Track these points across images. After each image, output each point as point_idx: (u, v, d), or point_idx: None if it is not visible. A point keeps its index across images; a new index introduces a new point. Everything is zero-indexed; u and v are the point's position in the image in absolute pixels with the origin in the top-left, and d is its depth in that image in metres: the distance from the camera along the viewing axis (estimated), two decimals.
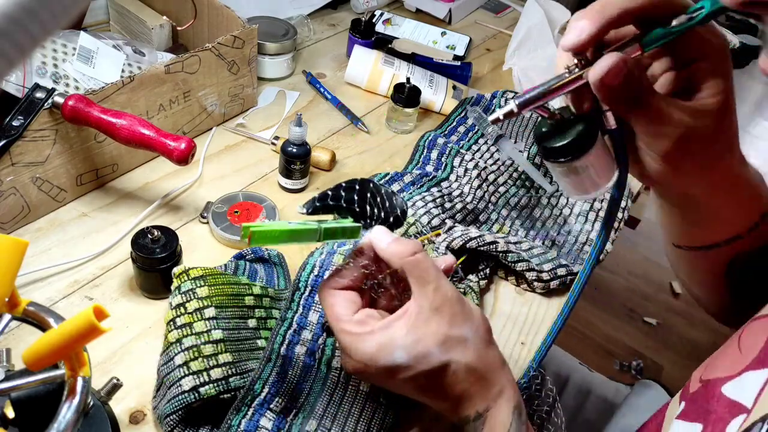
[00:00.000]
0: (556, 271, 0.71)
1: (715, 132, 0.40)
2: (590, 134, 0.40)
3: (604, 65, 0.36)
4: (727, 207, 0.48)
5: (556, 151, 0.41)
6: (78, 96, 0.64)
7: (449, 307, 0.43)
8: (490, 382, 0.44)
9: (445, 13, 1.25)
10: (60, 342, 0.35)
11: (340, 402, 0.55)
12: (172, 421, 0.51)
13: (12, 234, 0.67)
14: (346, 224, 0.47)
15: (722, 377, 0.46)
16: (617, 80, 0.36)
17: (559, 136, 0.41)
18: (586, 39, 0.37)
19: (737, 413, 0.41)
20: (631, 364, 1.77)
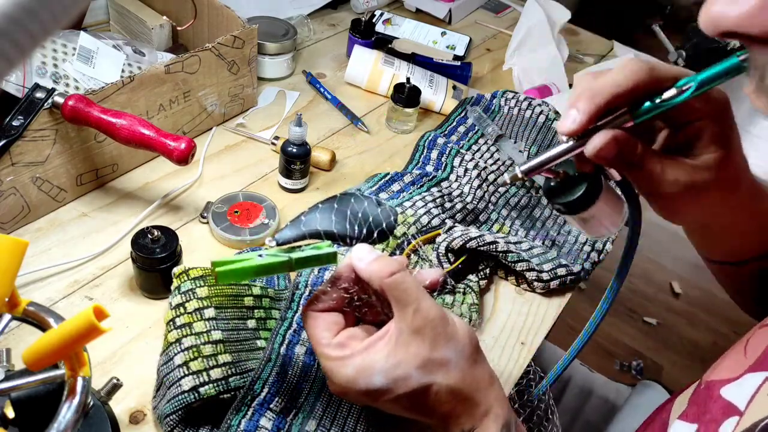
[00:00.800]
0: (556, 271, 0.71)
1: (717, 181, 0.42)
2: (593, 191, 0.42)
3: (597, 143, 0.39)
4: (746, 232, 0.49)
5: (564, 206, 0.44)
6: (78, 96, 0.64)
7: (431, 329, 0.42)
8: (476, 401, 0.44)
9: (445, 13, 1.25)
10: (60, 342, 0.35)
11: (340, 402, 0.55)
12: (172, 421, 0.51)
13: (12, 234, 0.67)
14: (321, 251, 0.46)
15: (724, 379, 0.46)
16: (611, 153, 0.39)
17: (566, 193, 0.43)
18: (578, 128, 0.39)
19: (730, 414, 0.42)
20: (631, 364, 1.77)
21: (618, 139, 0.38)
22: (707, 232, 0.52)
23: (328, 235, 0.47)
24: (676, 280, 2.07)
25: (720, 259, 0.55)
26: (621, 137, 0.39)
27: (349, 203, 0.48)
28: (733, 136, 0.42)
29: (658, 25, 2.79)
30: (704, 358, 1.84)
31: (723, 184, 0.43)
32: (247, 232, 0.71)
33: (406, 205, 0.73)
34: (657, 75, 0.39)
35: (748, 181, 0.46)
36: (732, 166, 0.43)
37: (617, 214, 0.44)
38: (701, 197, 0.43)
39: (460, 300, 0.67)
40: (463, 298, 0.67)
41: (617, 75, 0.39)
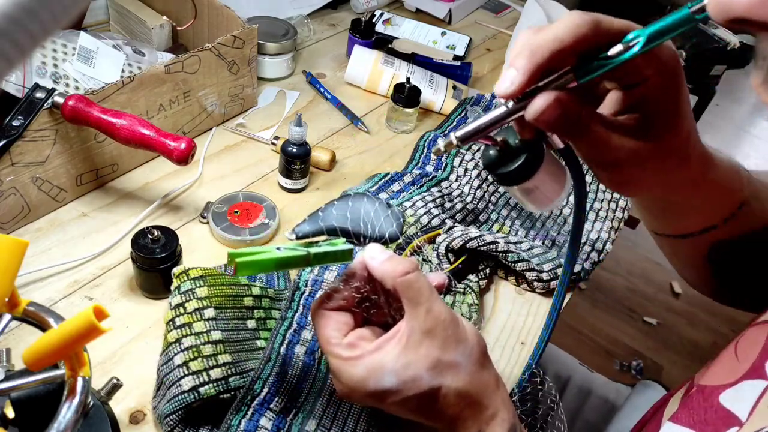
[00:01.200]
0: (556, 271, 0.71)
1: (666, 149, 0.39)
2: (534, 160, 0.40)
3: (537, 106, 0.35)
4: (694, 204, 0.47)
5: (504, 177, 0.41)
6: (78, 96, 0.64)
7: (442, 330, 0.42)
8: (483, 405, 0.43)
9: (445, 13, 1.25)
10: (60, 342, 0.35)
11: (340, 402, 0.55)
12: (172, 421, 0.51)
13: (12, 234, 0.67)
14: (338, 248, 0.46)
15: (720, 385, 0.45)
16: (553, 116, 0.36)
17: (506, 163, 0.41)
18: (517, 89, 0.36)
19: (731, 425, 0.41)
20: (631, 364, 1.77)
21: (561, 101, 0.35)
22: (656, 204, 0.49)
23: (344, 232, 0.47)
24: (676, 280, 2.07)
25: (669, 232, 0.53)
26: (564, 99, 0.35)
27: (362, 202, 0.48)
28: (682, 99, 0.39)
29: None
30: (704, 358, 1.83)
31: (673, 152, 0.40)
32: (247, 232, 0.71)
33: (406, 205, 0.73)
34: (603, 28, 0.35)
35: (699, 150, 0.43)
36: (682, 132, 0.40)
37: (560, 185, 0.41)
38: (650, 166, 0.40)
39: (460, 300, 0.67)
40: (463, 298, 0.67)
41: (559, 29, 0.35)
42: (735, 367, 0.45)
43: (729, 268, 0.54)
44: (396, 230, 0.48)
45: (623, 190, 0.43)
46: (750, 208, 0.49)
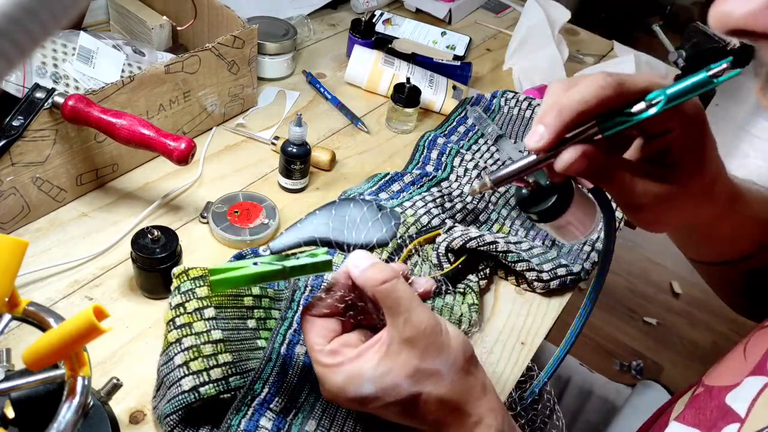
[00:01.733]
0: (556, 271, 0.71)
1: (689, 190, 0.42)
2: (564, 199, 0.43)
3: (566, 159, 0.39)
4: (728, 236, 0.49)
5: (537, 215, 0.44)
6: (78, 96, 0.64)
7: (422, 338, 0.42)
8: (466, 412, 0.43)
9: (445, 13, 1.25)
10: (60, 342, 0.35)
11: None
12: (172, 421, 0.51)
13: (12, 234, 0.67)
14: (317, 259, 0.46)
15: (726, 386, 0.46)
16: (580, 167, 0.39)
17: (538, 202, 0.44)
18: (545, 145, 0.39)
19: (730, 421, 0.41)
20: (631, 365, 1.77)
21: (587, 154, 0.38)
22: (689, 236, 0.52)
23: (324, 242, 0.47)
24: (676, 280, 2.07)
25: (705, 260, 0.55)
26: (589, 152, 0.39)
27: (347, 208, 0.48)
28: (707, 147, 0.42)
29: (658, 25, 2.79)
30: (704, 358, 1.84)
31: (696, 192, 0.42)
32: (247, 232, 0.71)
33: (406, 205, 0.73)
34: (626, 89, 0.38)
35: (725, 188, 0.45)
36: (706, 177, 0.42)
37: (590, 219, 0.44)
38: (674, 206, 0.43)
39: (460, 300, 0.67)
40: (463, 299, 0.67)
41: (585, 91, 0.38)
42: (742, 368, 0.45)
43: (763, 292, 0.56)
44: (386, 235, 0.47)
45: (651, 228, 0.46)
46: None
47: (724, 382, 0.46)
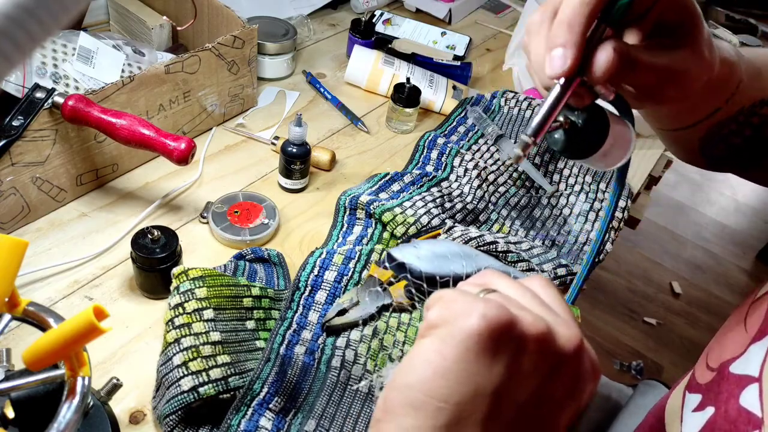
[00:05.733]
0: (556, 271, 0.71)
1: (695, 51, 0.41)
2: (604, 121, 0.41)
3: (604, 61, 0.37)
4: (710, 94, 0.48)
5: (585, 151, 0.42)
6: (78, 96, 0.64)
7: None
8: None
9: (445, 13, 1.25)
10: (60, 342, 0.35)
11: (339, 402, 0.55)
12: (172, 421, 0.51)
13: (12, 234, 0.67)
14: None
15: (730, 359, 0.46)
16: (617, 64, 0.37)
17: (578, 138, 0.42)
18: (573, 62, 0.37)
19: (746, 385, 0.41)
20: (631, 365, 1.77)
21: (616, 49, 0.36)
22: (671, 108, 0.50)
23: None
24: (676, 280, 2.07)
25: (674, 127, 0.54)
26: (617, 46, 0.37)
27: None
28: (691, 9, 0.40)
29: None
30: None
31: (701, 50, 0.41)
32: (247, 232, 0.71)
33: (406, 205, 0.73)
34: None
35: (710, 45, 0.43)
36: (703, 29, 0.41)
37: (626, 134, 0.43)
38: (690, 71, 0.41)
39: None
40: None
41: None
42: (744, 339, 0.45)
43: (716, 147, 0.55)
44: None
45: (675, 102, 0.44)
46: (743, 85, 0.50)
47: (727, 356, 0.47)
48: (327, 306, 0.62)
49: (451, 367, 0.30)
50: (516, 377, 0.30)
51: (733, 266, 2.21)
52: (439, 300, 0.32)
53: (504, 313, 0.30)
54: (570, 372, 0.32)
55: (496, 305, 0.30)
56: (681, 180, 2.54)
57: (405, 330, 0.60)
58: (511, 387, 0.30)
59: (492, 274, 0.36)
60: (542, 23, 0.38)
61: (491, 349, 0.30)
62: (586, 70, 0.38)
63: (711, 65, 0.43)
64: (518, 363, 0.30)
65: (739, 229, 2.38)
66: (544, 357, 0.31)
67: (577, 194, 0.85)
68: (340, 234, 0.73)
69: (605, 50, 0.37)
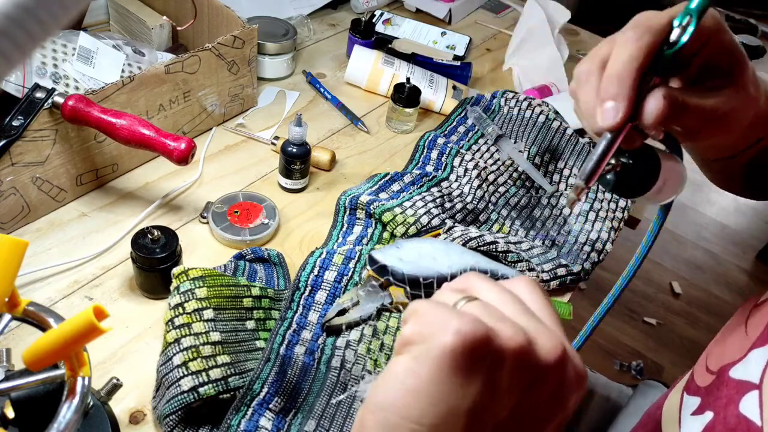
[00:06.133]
0: (556, 271, 0.71)
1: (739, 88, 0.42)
2: (654, 162, 0.43)
3: (654, 108, 0.38)
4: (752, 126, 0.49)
5: (638, 191, 0.44)
6: (78, 96, 0.64)
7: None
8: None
9: (445, 13, 1.25)
10: (60, 342, 0.35)
11: (339, 402, 0.55)
12: (172, 421, 0.51)
13: (12, 234, 0.67)
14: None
15: (730, 362, 0.46)
16: (667, 110, 0.38)
17: (630, 179, 0.43)
18: (624, 114, 0.38)
19: (746, 391, 0.41)
20: (631, 365, 1.77)
21: (666, 96, 0.38)
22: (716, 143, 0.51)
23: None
24: (676, 280, 2.07)
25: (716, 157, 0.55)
26: (667, 92, 0.38)
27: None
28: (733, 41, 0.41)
29: None
30: None
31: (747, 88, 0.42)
32: (247, 232, 0.71)
33: (406, 205, 0.73)
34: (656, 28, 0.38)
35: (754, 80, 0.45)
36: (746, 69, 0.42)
37: (677, 170, 0.45)
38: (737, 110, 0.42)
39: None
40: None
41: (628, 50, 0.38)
42: (745, 343, 0.45)
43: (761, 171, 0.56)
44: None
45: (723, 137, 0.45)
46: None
47: (726, 359, 0.47)
48: (327, 306, 0.62)
49: (425, 388, 0.29)
50: (493, 394, 0.29)
51: (733, 266, 2.21)
52: (414, 314, 0.31)
53: (480, 328, 0.29)
54: (552, 383, 0.31)
55: (471, 320, 0.29)
56: None
57: None
58: (488, 405, 0.29)
59: (474, 278, 0.35)
60: (591, 73, 0.40)
61: (466, 366, 0.28)
62: (637, 117, 0.39)
63: (756, 101, 0.44)
64: (495, 379, 0.29)
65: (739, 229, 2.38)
66: (524, 371, 0.30)
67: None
68: (340, 234, 0.73)
69: (655, 98, 0.38)
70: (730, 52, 0.41)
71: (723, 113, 0.41)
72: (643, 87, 0.39)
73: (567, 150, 0.87)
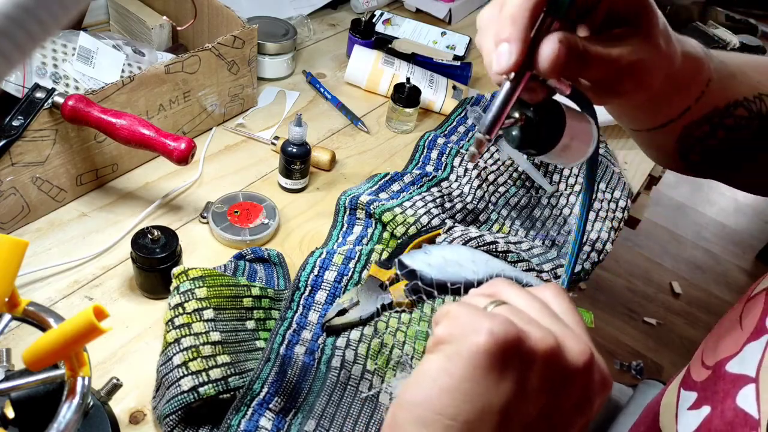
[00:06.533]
0: (556, 271, 0.71)
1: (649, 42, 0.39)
2: (558, 118, 0.40)
3: (548, 52, 0.35)
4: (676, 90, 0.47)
5: (542, 146, 0.41)
6: (78, 96, 0.64)
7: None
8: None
9: (445, 13, 1.25)
10: (60, 342, 0.35)
11: (339, 402, 0.55)
12: (172, 421, 0.51)
13: (12, 234, 0.67)
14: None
15: (726, 357, 0.46)
16: (564, 56, 0.35)
17: (535, 134, 0.41)
18: (518, 56, 0.36)
19: (742, 385, 0.41)
20: (631, 365, 1.77)
21: (563, 41, 0.35)
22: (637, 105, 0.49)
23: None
24: (676, 280, 2.07)
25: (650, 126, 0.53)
26: (564, 37, 0.35)
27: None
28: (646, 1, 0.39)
29: None
30: None
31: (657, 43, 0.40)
32: (247, 232, 0.71)
33: (406, 205, 0.73)
34: None
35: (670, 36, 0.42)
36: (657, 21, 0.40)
37: (587, 129, 0.42)
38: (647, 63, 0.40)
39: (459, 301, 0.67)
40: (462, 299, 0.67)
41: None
42: (739, 337, 0.45)
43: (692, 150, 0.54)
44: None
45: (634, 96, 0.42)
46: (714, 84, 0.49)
47: (722, 354, 0.47)
48: (327, 306, 0.62)
49: (459, 386, 0.29)
50: (524, 394, 0.30)
51: (733, 266, 2.21)
52: (446, 315, 0.32)
53: (511, 329, 0.29)
54: (579, 386, 0.31)
55: (503, 321, 0.30)
56: (681, 180, 2.54)
57: (405, 330, 0.60)
58: (519, 404, 0.30)
59: (502, 284, 0.35)
60: (491, 19, 0.38)
61: (499, 366, 0.29)
62: (534, 64, 0.37)
63: (669, 57, 0.42)
64: (526, 380, 0.30)
65: (739, 229, 2.38)
66: (553, 373, 0.30)
67: (577, 194, 0.85)
68: (340, 234, 0.73)
69: (550, 42, 0.35)
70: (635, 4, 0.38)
71: (629, 64, 0.38)
72: (541, 31, 0.36)
73: None
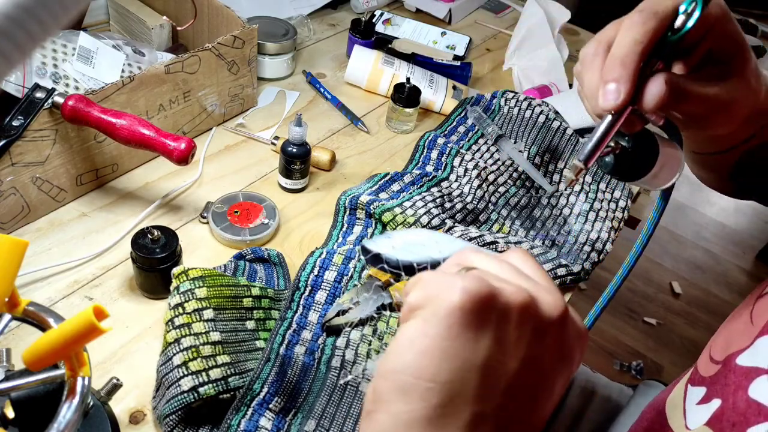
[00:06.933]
0: (556, 271, 0.71)
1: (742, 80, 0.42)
2: (652, 146, 0.43)
3: (655, 92, 0.38)
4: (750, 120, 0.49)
5: (636, 174, 0.44)
6: (78, 96, 0.64)
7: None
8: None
9: (445, 13, 1.25)
10: (60, 342, 0.35)
11: (339, 402, 0.55)
12: (172, 421, 0.51)
13: (12, 234, 0.67)
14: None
15: (736, 351, 0.46)
16: (668, 95, 0.39)
17: (628, 162, 0.44)
18: (625, 97, 0.38)
19: (754, 377, 0.42)
20: (631, 365, 1.77)
21: (668, 81, 0.38)
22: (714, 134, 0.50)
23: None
24: (676, 280, 2.07)
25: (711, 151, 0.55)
26: (668, 78, 0.39)
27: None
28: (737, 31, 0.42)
29: None
30: None
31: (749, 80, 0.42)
32: (247, 232, 0.71)
33: (406, 205, 0.73)
34: (663, 14, 0.38)
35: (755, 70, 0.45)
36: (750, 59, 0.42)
37: (676, 156, 0.45)
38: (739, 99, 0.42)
39: None
40: None
41: (632, 33, 0.38)
42: (750, 331, 0.45)
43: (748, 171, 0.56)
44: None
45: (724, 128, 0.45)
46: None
47: (732, 348, 0.47)
48: (327, 306, 0.62)
49: (436, 345, 0.29)
50: (503, 348, 0.30)
51: (733, 266, 2.21)
52: (418, 281, 0.32)
53: (485, 285, 0.29)
54: (556, 337, 0.32)
55: (475, 278, 0.30)
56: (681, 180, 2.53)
57: None
58: (498, 359, 0.30)
59: (469, 252, 0.36)
60: (596, 56, 0.40)
61: (475, 322, 0.29)
62: (638, 101, 0.39)
63: (757, 94, 0.44)
64: (503, 334, 0.30)
65: (739, 229, 2.38)
66: (529, 325, 0.31)
67: (577, 194, 0.85)
68: (340, 234, 0.73)
69: (656, 82, 0.38)
70: (733, 41, 0.41)
71: (724, 102, 0.41)
72: (646, 71, 0.39)
73: (567, 150, 0.87)
